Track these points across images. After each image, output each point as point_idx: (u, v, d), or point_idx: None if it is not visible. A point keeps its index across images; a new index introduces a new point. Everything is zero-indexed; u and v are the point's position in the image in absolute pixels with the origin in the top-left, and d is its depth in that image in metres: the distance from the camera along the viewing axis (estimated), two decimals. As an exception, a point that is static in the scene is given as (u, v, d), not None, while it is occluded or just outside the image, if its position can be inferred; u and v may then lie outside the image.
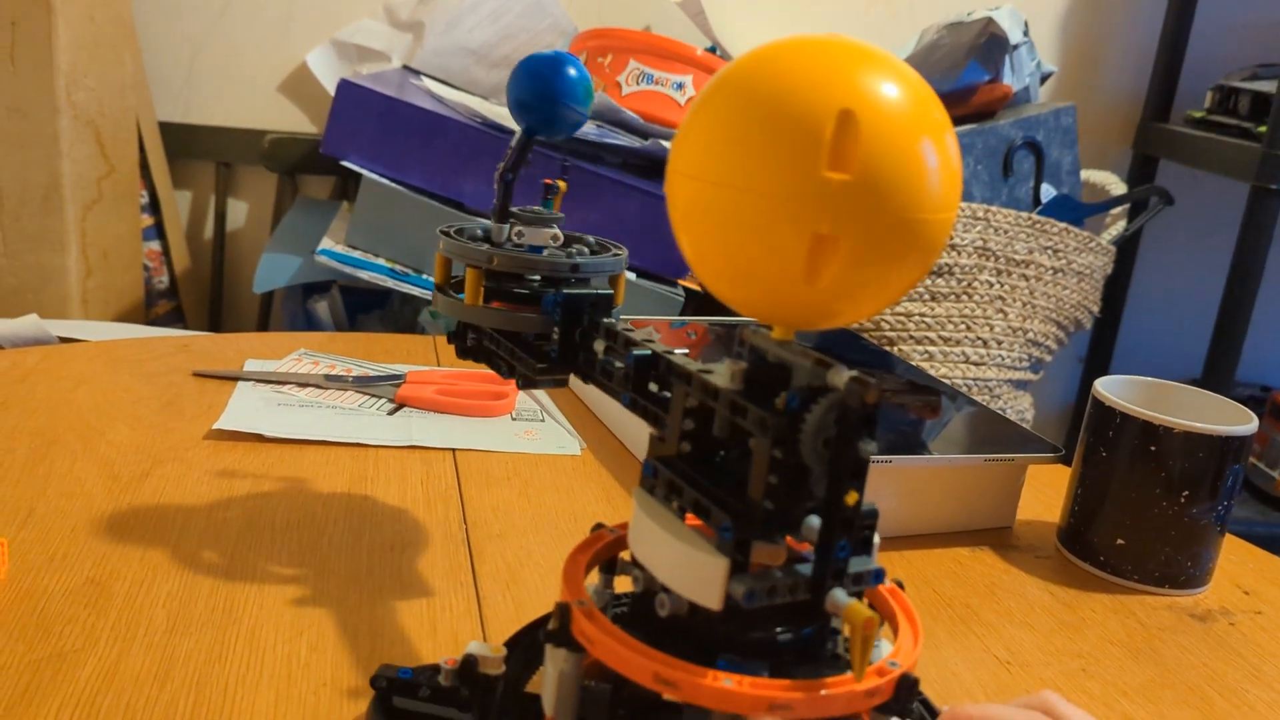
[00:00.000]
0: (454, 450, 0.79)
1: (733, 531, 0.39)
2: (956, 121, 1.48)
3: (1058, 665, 0.60)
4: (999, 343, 1.42)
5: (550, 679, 0.43)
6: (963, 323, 1.39)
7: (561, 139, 0.58)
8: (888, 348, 1.38)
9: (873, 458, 0.71)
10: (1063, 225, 1.45)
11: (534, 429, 0.85)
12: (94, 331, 1.09)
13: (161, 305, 1.66)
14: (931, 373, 1.37)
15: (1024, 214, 1.42)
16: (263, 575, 0.59)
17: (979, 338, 1.41)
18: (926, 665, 0.58)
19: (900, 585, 0.46)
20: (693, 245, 0.40)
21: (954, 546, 0.73)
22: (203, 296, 1.76)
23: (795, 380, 0.40)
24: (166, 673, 0.50)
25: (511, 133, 1.31)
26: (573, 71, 0.55)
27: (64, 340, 1.04)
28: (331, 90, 1.54)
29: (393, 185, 1.32)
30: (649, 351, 0.47)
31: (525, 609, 0.59)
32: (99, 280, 1.44)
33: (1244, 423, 0.69)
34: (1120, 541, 0.70)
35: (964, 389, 1.39)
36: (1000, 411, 1.18)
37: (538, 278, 0.57)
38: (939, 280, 1.38)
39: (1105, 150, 1.95)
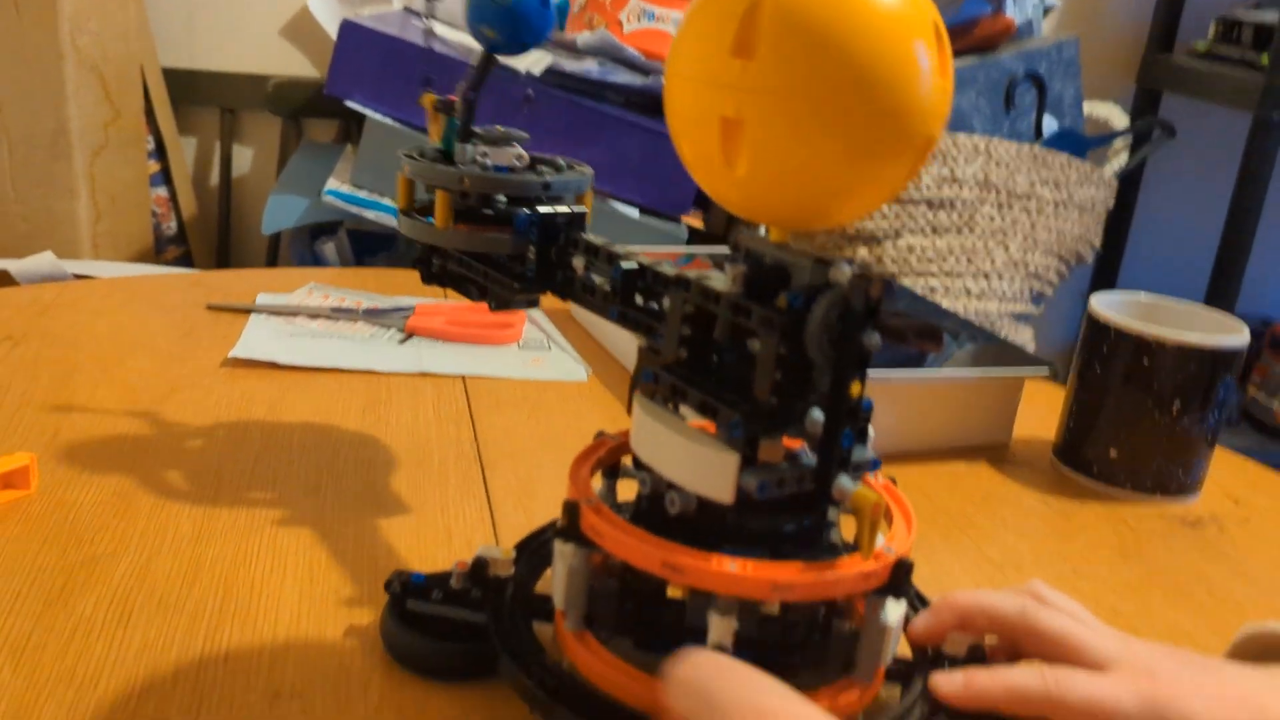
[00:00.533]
0: (464, 377, 0.81)
1: (743, 428, 0.40)
2: (958, 54, 1.47)
3: (1050, 567, 0.62)
4: (1000, 275, 1.43)
5: (560, 575, 0.45)
6: (964, 256, 1.40)
7: (529, 52, 0.56)
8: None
9: (871, 375, 0.73)
10: (1065, 158, 1.45)
11: (541, 357, 0.87)
12: (107, 270, 1.11)
13: (170, 251, 1.68)
14: (933, 305, 1.38)
15: (1026, 146, 1.42)
16: (282, 490, 0.61)
17: (980, 270, 1.42)
18: (922, 567, 0.60)
19: (893, 481, 0.48)
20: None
21: (952, 461, 0.75)
22: (210, 242, 1.77)
23: (795, 280, 0.41)
24: (195, 574, 0.52)
25: (511, 71, 1.32)
26: None
27: (79, 278, 1.06)
28: (333, 33, 1.54)
29: (396, 125, 1.33)
30: (635, 264, 0.48)
31: (537, 519, 0.61)
32: (108, 225, 1.45)
33: (1235, 334, 0.70)
34: (1114, 453, 0.72)
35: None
36: (1001, 341, 1.19)
37: (505, 198, 0.56)
38: (940, 213, 1.39)
39: (1109, 84, 1.94)
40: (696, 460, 0.42)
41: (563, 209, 0.53)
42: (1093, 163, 1.54)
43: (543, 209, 0.53)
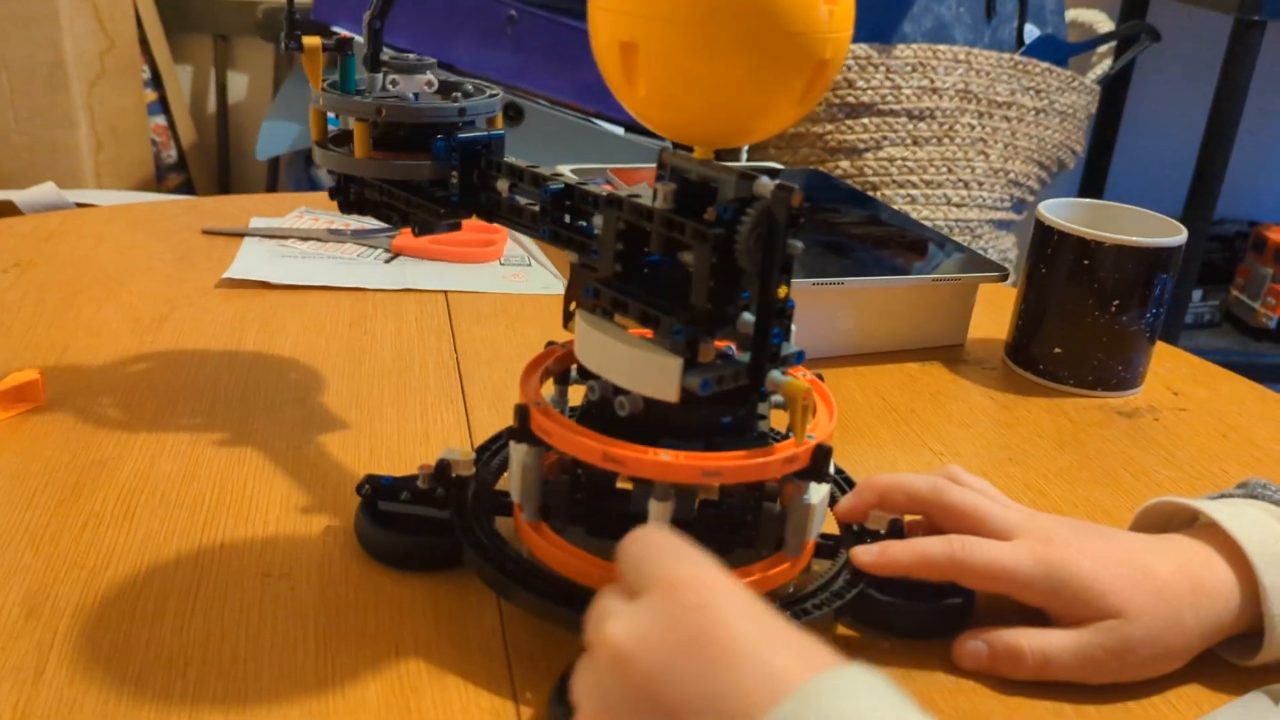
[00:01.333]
0: (446, 292, 0.85)
1: (684, 333, 0.45)
2: (939, -37, 1.48)
3: (987, 456, 0.67)
4: (980, 184, 1.46)
5: (515, 472, 0.49)
6: (944, 165, 1.43)
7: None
8: (871, 193, 1.43)
9: (829, 280, 0.77)
10: (1045, 65, 1.47)
11: (521, 273, 0.91)
12: (107, 199, 1.15)
13: (172, 179, 1.72)
14: (914, 215, 1.41)
15: (1006, 55, 1.44)
16: (274, 397, 0.66)
17: (960, 180, 1.45)
18: (865, 458, 0.65)
19: (820, 378, 0.52)
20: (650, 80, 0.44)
21: (908, 362, 0.80)
22: (211, 169, 1.81)
23: (722, 194, 0.45)
24: (193, 473, 0.57)
25: (497, -9, 1.33)
26: None
27: (80, 206, 1.10)
28: (320, -44, 1.56)
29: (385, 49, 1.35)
30: (562, 184, 0.50)
31: (510, 422, 0.66)
32: (110, 154, 1.49)
33: (1172, 235, 0.74)
34: (1058, 350, 0.76)
35: (945, 230, 1.44)
36: (982, 251, 1.23)
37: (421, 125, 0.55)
38: (920, 124, 1.41)
39: (1098, -12, 1.94)
40: (643, 366, 0.46)
41: (480, 133, 0.55)
42: (1075, 69, 1.56)
43: (462, 135, 0.54)
